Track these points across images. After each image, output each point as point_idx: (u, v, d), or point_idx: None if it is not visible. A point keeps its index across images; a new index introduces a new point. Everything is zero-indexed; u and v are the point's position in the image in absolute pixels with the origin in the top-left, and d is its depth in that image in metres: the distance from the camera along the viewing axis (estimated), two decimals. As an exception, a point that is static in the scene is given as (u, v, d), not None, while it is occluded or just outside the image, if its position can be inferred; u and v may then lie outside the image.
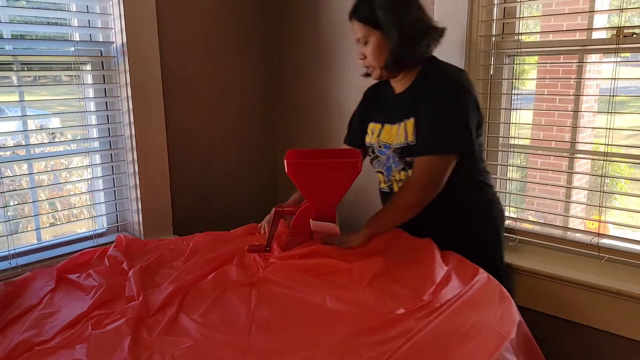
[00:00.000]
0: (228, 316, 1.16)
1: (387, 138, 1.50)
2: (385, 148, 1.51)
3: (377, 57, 1.42)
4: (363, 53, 1.44)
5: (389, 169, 1.51)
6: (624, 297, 1.47)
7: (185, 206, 2.03)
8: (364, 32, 1.42)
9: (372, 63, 1.44)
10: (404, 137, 1.44)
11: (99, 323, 1.13)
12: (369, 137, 1.57)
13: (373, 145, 1.55)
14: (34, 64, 1.74)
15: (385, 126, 1.51)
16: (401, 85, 1.49)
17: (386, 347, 1.00)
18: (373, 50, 1.42)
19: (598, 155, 1.54)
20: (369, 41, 1.42)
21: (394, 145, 1.47)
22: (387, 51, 1.41)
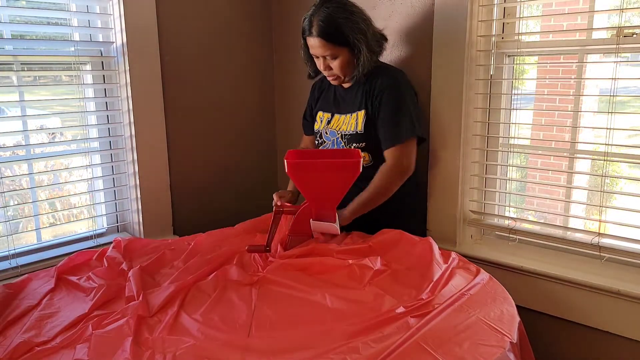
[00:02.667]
0: (229, 315, 1.16)
1: (336, 126, 1.71)
2: (331, 134, 1.72)
3: (345, 69, 1.61)
4: (329, 65, 1.60)
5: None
6: (624, 297, 1.47)
7: (185, 206, 2.03)
8: (332, 50, 1.56)
9: (338, 73, 1.62)
10: (354, 126, 1.65)
11: (100, 323, 1.13)
12: (317, 124, 1.78)
13: (321, 131, 1.75)
14: (34, 64, 1.74)
15: (335, 116, 1.72)
16: (349, 81, 1.68)
17: (386, 344, 1.00)
18: (342, 64, 1.59)
19: (598, 155, 1.54)
20: (338, 56, 1.58)
21: (343, 132, 1.68)
22: (353, 64, 1.59)
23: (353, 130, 1.65)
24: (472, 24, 1.66)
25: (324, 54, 1.58)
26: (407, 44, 1.84)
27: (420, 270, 1.31)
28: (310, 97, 1.86)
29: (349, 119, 1.67)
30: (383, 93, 1.59)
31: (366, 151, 1.63)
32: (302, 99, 2.22)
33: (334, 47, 1.56)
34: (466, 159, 1.74)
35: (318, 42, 1.56)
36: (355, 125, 1.64)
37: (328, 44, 1.55)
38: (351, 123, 1.66)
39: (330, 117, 1.74)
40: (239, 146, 2.21)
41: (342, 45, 1.56)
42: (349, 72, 1.62)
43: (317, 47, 1.58)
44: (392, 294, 1.20)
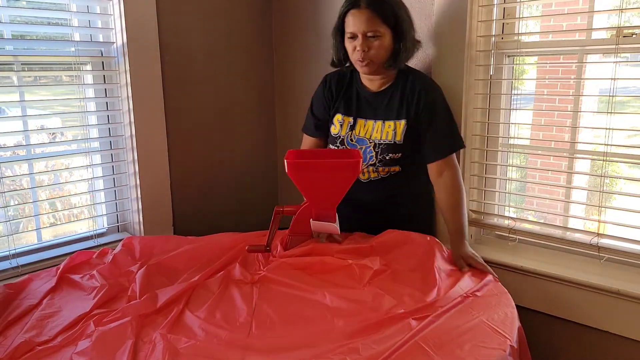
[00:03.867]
0: (230, 313, 1.17)
1: (365, 133, 1.59)
2: (359, 142, 1.60)
3: (383, 55, 1.49)
4: (368, 46, 1.47)
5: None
6: (623, 296, 1.48)
7: (186, 206, 2.03)
8: (378, 27, 1.45)
9: (374, 57, 1.48)
10: (392, 136, 1.56)
11: (101, 320, 1.13)
12: (335, 128, 1.65)
13: (343, 137, 1.63)
14: (34, 64, 1.74)
15: (359, 120, 1.61)
16: (377, 85, 1.60)
17: (386, 345, 1.00)
18: (382, 47, 1.47)
19: (597, 156, 1.54)
20: (380, 36, 1.46)
21: (376, 140, 1.58)
22: (391, 51, 1.49)
23: (390, 140, 1.56)
24: (471, 24, 1.66)
25: (368, 29, 1.45)
26: (407, 44, 1.84)
27: (422, 271, 1.31)
28: (321, 94, 1.71)
29: (384, 127, 1.57)
30: (434, 104, 1.54)
31: (400, 163, 1.58)
32: (302, 99, 2.22)
33: (381, 24, 1.45)
34: (466, 159, 1.74)
35: (365, 15, 1.45)
36: (394, 135, 1.56)
37: (377, 18, 1.45)
38: (387, 132, 1.56)
39: (352, 121, 1.62)
40: (239, 146, 2.21)
41: (388, 25, 1.47)
42: (385, 60, 1.51)
43: (361, 22, 1.45)
44: (392, 294, 1.20)
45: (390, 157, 1.57)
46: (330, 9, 2.04)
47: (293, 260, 1.38)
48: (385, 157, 1.57)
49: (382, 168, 1.58)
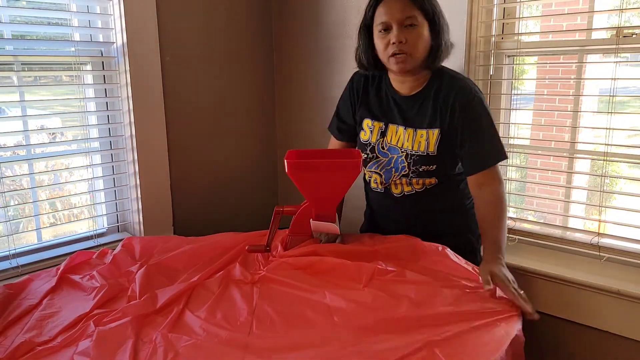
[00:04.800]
0: (230, 313, 1.16)
1: (397, 141, 1.45)
2: (391, 151, 1.46)
3: (420, 47, 1.35)
4: (405, 37, 1.33)
5: (389, 172, 1.48)
6: (623, 296, 1.48)
7: (186, 206, 2.03)
8: (415, 14, 1.33)
9: (412, 50, 1.34)
10: (424, 147, 1.41)
11: (101, 321, 1.13)
12: (365, 134, 1.52)
13: (373, 145, 1.49)
14: (34, 64, 1.74)
15: (390, 127, 1.47)
16: (408, 88, 1.45)
17: (390, 350, 0.99)
18: (421, 36, 1.34)
19: (597, 156, 1.54)
20: (418, 25, 1.33)
21: (408, 150, 1.43)
22: (427, 47, 1.36)
23: (423, 151, 1.42)
24: (472, 24, 1.66)
25: (405, 16, 1.32)
26: (407, 44, 1.84)
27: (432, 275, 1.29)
28: (347, 94, 1.59)
29: (416, 136, 1.43)
30: (472, 110, 1.37)
31: (436, 175, 1.44)
32: (303, 99, 2.23)
33: (418, 12, 1.32)
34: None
35: (404, 3, 1.32)
36: (427, 145, 1.41)
37: (414, 5, 1.32)
38: (419, 142, 1.42)
39: (383, 127, 1.48)
40: (239, 146, 2.21)
41: (425, 16, 1.34)
42: (422, 56, 1.36)
43: (397, 9, 1.32)
44: (394, 297, 1.19)
45: (424, 169, 1.43)
46: (330, 10, 2.04)
47: (293, 260, 1.37)
48: (419, 169, 1.43)
49: (416, 180, 1.45)
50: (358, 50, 1.47)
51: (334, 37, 2.05)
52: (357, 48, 1.47)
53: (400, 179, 1.47)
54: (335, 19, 2.03)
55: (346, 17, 2.00)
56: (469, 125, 1.38)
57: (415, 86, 1.44)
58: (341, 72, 2.06)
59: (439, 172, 1.43)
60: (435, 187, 1.46)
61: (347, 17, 2.00)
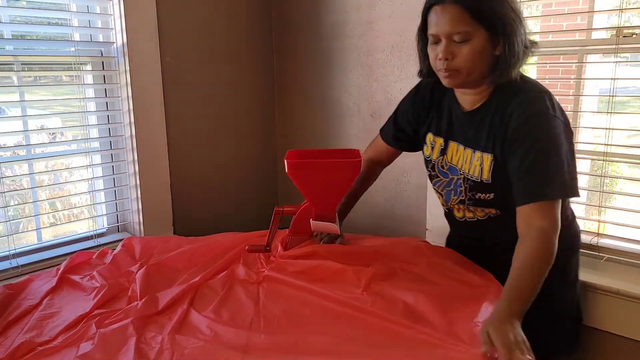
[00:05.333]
0: (237, 313, 1.16)
1: (457, 161, 1.28)
2: (451, 171, 1.30)
3: (474, 62, 1.14)
4: (452, 52, 1.14)
5: (448, 194, 1.33)
6: (623, 296, 1.48)
7: (186, 206, 2.03)
8: (468, 27, 1.11)
9: (462, 66, 1.14)
10: (478, 172, 1.23)
11: (102, 322, 1.13)
12: (427, 149, 1.36)
13: (434, 162, 1.34)
14: (34, 64, 1.74)
15: (450, 144, 1.30)
16: (470, 102, 1.25)
17: (387, 352, 0.99)
18: (474, 51, 1.12)
19: (597, 156, 1.54)
20: (470, 39, 1.12)
21: (465, 173, 1.26)
22: (486, 60, 1.14)
23: (477, 177, 1.23)
24: (472, 24, 1.66)
25: (454, 31, 1.12)
26: (407, 45, 1.85)
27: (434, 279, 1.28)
28: (409, 101, 1.41)
29: (471, 158, 1.24)
30: (528, 129, 1.13)
31: (495, 206, 1.24)
32: (303, 99, 2.23)
33: (471, 24, 1.11)
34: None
35: (451, 11, 1.11)
36: (480, 171, 1.22)
37: (466, 14, 1.10)
38: (475, 165, 1.23)
39: (443, 144, 1.31)
40: (239, 146, 2.21)
41: (483, 25, 1.11)
42: (479, 71, 1.15)
43: (446, 22, 1.12)
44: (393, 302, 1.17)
45: (480, 197, 1.24)
46: (330, 10, 2.04)
47: (293, 264, 1.36)
48: (475, 196, 1.25)
49: (474, 208, 1.28)
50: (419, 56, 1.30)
51: (334, 37, 2.05)
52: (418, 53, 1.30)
53: (459, 204, 1.31)
54: (335, 19, 2.03)
55: (346, 17, 2.00)
56: (521, 145, 1.13)
57: (477, 100, 1.24)
58: (341, 72, 2.06)
59: (498, 203, 1.23)
60: (498, 218, 1.25)
61: (347, 17, 2.00)
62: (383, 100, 1.95)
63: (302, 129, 2.26)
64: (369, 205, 2.06)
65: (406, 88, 1.86)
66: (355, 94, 2.03)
